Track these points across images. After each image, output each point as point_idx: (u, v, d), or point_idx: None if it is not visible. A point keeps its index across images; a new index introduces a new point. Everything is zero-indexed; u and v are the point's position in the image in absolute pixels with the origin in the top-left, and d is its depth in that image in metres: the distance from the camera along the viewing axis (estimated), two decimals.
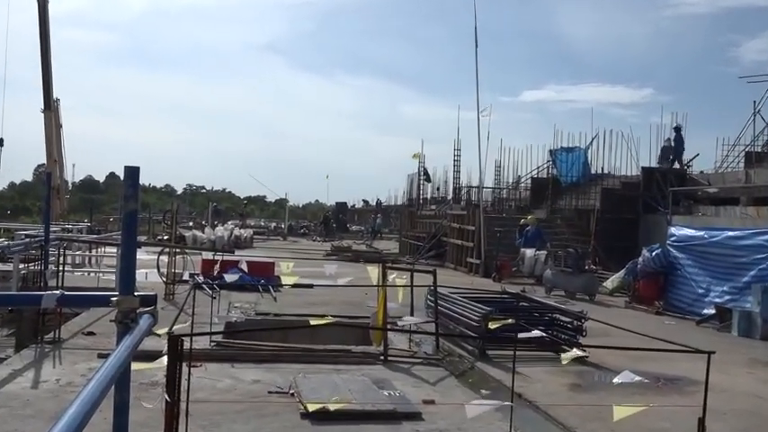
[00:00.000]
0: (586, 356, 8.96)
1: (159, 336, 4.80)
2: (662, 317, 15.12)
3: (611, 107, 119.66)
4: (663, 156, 25.64)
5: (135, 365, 3.18)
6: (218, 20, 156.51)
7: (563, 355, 5.49)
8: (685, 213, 20.07)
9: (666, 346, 5.78)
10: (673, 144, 25.59)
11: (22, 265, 13.95)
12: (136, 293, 2.93)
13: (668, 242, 16.73)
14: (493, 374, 8.59)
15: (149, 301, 3.05)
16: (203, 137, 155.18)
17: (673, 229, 16.98)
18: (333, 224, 50.56)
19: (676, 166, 25.24)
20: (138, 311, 2.91)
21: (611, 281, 18.96)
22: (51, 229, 15.01)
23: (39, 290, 10.55)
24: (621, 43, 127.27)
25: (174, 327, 7.07)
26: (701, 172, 25.41)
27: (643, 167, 25.55)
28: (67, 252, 16.07)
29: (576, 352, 5.47)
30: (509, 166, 32.57)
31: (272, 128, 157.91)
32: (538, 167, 30.48)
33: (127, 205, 2.92)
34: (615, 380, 4.97)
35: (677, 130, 25.92)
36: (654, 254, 16.41)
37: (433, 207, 35.96)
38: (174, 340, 4.33)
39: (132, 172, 2.88)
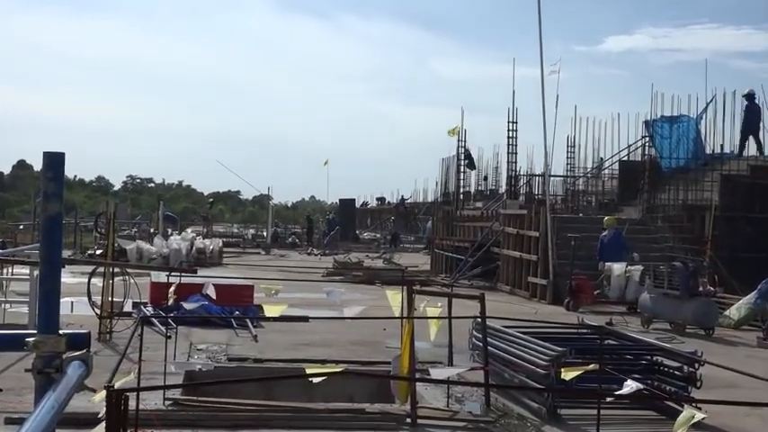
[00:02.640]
0: (703, 417, 8.90)
1: (94, 392, 4.84)
2: None
3: (733, 58, 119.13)
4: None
5: None
6: None
7: (677, 421, 5.44)
8: None
9: None
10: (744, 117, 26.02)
11: None
12: (61, 331, 2.97)
13: None
14: None
15: (80, 341, 3.09)
16: (151, 111, 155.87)
17: None
18: (336, 231, 50.79)
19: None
20: (64, 357, 2.95)
21: (737, 308, 18.83)
22: None
23: None
24: None
25: (115, 379, 7.04)
26: None
27: None
28: None
29: (691, 412, 5.42)
30: (587, 145, 32.48)
31: (248, 97, 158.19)
32: (629, 146, 30.41)
33: (47, 207, 2.95)
34: None
35: (749, 97, 25.98)
36: None
37: (479, 204, 35.85)
38: (116, 397, 4.37)
39: (55, 160, 2.91)
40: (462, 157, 37.01)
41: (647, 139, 28.63)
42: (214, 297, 13.69)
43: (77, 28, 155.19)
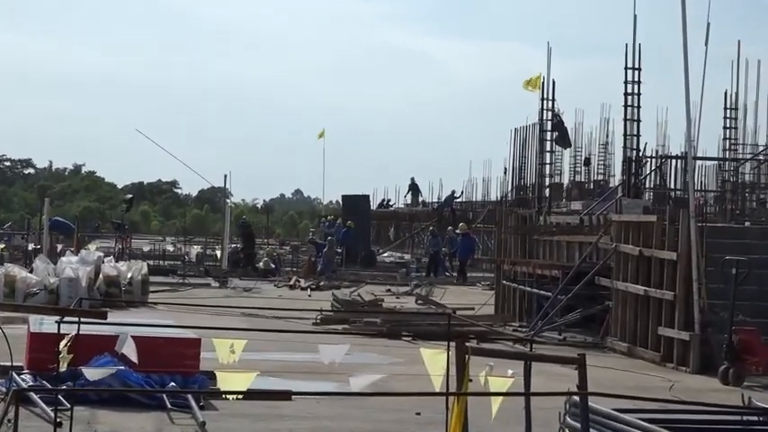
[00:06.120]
0: None
1: None
2: None
3: None
4: None
5: None
6: None
7: None
8: None
9: None
10: None
11: None
12: None
13: None
14: None
15: None
16: (32, 47, 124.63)
17: None
18: (334, 249, 39.35)
19: None
20: None
21: None
22: None
23: None
24: None
25: None
26: None
27: None
28: None
29: None
30: (759, 108, 28.83)
31: (194, 30, 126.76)
32: None
33: None
34: None
35: None
36: None
37: (576, 206, 30.13)
38: None
39: None
40: (549, 128, 30.72)
41: None
42: (135, 359, 11.39)
43: None
